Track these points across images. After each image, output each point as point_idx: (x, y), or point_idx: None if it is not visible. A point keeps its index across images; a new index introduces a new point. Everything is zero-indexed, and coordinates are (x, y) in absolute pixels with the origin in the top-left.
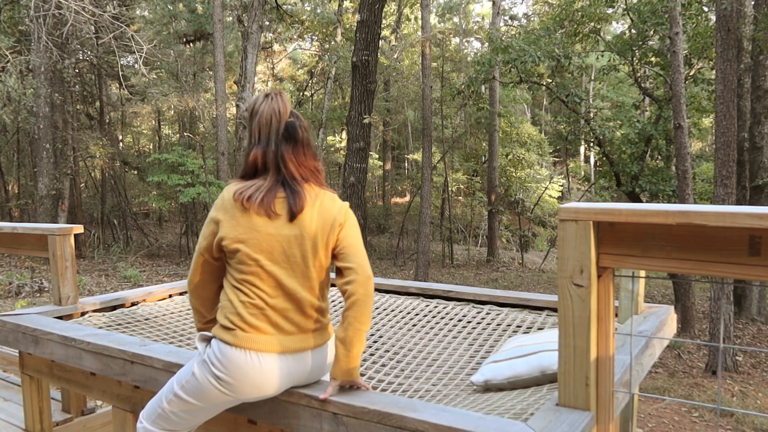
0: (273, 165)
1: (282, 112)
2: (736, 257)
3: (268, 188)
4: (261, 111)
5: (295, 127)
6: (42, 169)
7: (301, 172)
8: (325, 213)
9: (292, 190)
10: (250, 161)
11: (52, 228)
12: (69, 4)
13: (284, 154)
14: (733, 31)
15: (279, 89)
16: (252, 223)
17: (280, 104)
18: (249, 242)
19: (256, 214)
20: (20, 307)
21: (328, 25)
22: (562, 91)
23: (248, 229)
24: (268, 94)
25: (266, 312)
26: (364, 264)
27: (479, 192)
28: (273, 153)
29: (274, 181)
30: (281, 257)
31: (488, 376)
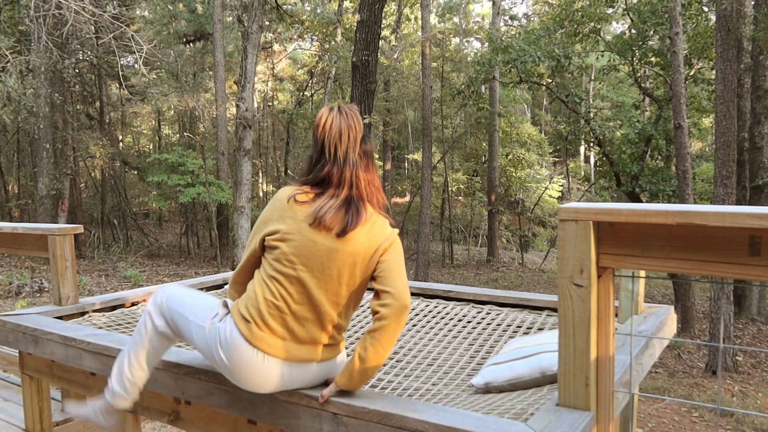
0: (348, 184)
1: (358, 129)
2: (736, 257)
3: (337, 207)
4: (337, 127)
5: (369, 145)
6: (42, 169)
7: (369, 192)
8: (373, 237)
9: (356, 208)
10: (322, 176)
11: (52, 228)
12: (69, 4)
13: (359, 173)
14: (733, 31)
15: (351, 104)
16: (300, 226)
17: (355, 121)
18: (291, 243)
19: (310, 220)
20: (20, 307)
21: (328, 25)
22: (562, 91)
23: (295, 231)
24: (341, 108)
25: (285, 316)
26: (403, 291)
27: (479, 192)
28: (350, 172)
29: (345, 198)
30: (317, 267)
31: (489, 378)
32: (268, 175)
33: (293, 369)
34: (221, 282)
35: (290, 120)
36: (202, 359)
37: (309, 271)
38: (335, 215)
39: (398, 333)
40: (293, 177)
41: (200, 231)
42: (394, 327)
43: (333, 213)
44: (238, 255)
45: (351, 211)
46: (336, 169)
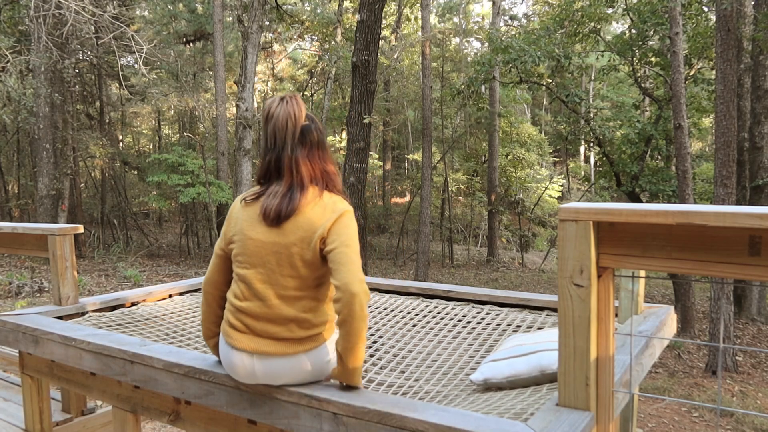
0: (287, 170)
1: (297, 115)
2: (736, 257)
3: (282, 194)
4: (276, 115)
5: (311, 130)
6: (42, 169)
7: (313, 176)
8: (310, 223)
9: (291, 195)
10: (264, 166)
11: (52, 228)
12: (69, 4)
13: (298, 158)
14: (733, 31)
15: (294, 93)
16: (242, 224)
17: (295, 108)
18: (238, 243)
19: (253, 215)
20: (20, 307)
21: (328, 25)
22: (562, 91)
23: (239, 230)
24: (283, 97)
25: (239, 313)
26: (350, 281)
27: (479, 192)
28: (288, 157)
29: (287, 187)
30: (259, 263)
31: (487, 374)
32: None
33: (263, 362)
34: None
35: None
36: (203, 359)
37: (252, 267)
38: (277, 205)
39: (360, 324)
40: None
41: (200, 231)
42: (350, 319)
43: (276, 203)
44: None
45: (286, 199)
46: (275, 156)
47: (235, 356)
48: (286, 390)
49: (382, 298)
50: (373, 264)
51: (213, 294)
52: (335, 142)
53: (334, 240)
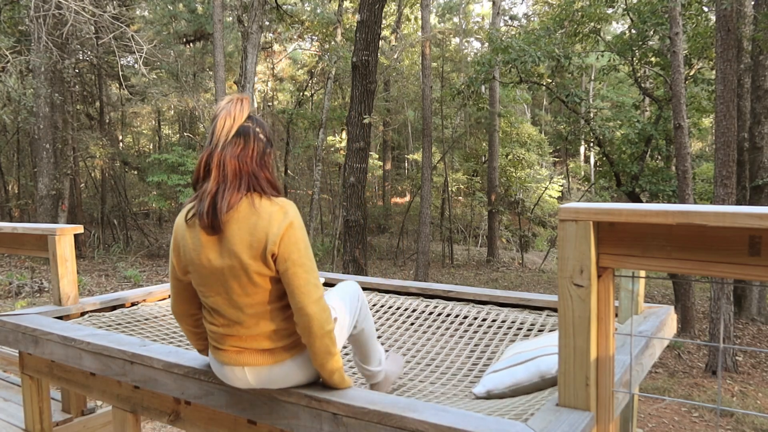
0: (216, 167)
1: (237, 115)
2: (736, 257)
3: (211, 195)
4: (218, 114)
5: (248, 131)
6: (42, 169)
7: (241, 178)
8: (254, 238)
9: (222, 195)
10: (197, 165)
11: (52, 228)
12: (69, 4)
13: (227, 155)
14: (733, 31)
15: (244, 95)
16: (190, 254)
17: (237, 108)
18: (194, 273)
19: (197, 235)
20: (20, 307)
21: (328, 25)
22: (562, 91)
23: (190, 260)
24: (231, 98)
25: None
26: (305, 303)
27: (479, 192)
28: (218, 155)
29: (215, 187)
30: (220, 288)
31: (489, 386)
32: None
33: (254, 373)
34: None
35: (290, 120)
36: (203, 360)
37: (217, 294)
38: (208, 207)
39: (322, 342)
40: (293, 177)
41: None
42: (312, 341)
43: (206, 205)
44: None
45: (217, 198)
46: (206, 154)
47: (227, 370)
48: (286, 390)
49: (382, 298)
50: (373, 264)
51: (186, 320)
52: (335, 142)
53: (285, 260)
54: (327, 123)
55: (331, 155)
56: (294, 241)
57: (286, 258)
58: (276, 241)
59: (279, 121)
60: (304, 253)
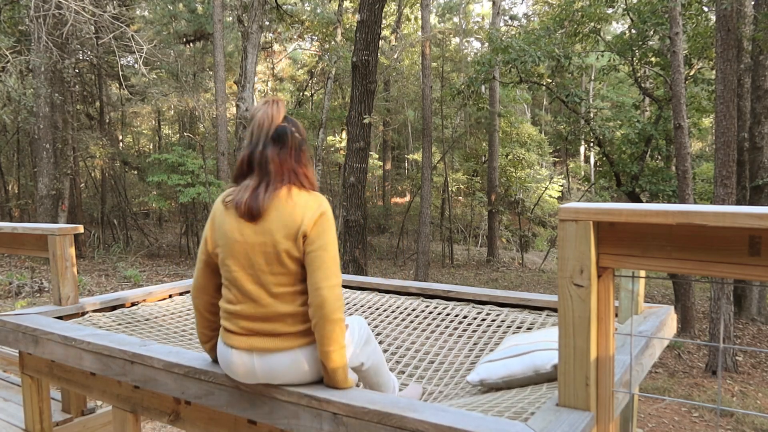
0: (257, 165)
1: (274, 116)
2: (736, 257)
3: (252, 188)
4: (256, 115)
5: (286, 131)
6: (42, 169)
7: (283, 174)
8: (291, 220)
9: (265, 188)
10: (238, 163)
11: (52, 228)
12: (69, 4)
13: (268, 153)
14: (733, 31)
15: (279, 97)
16: (225, 228)
17: (274, 110)
18: (223, 247)
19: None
20: (20, 307)
21: (328, 25)
22: (562, 91)
23: (222, 234)
24: (267, 100)
25: (234, 317)
26: (321, 285)
27: (479, 192)
28: (259, 153)
29: (257, 182)
30: (246, 263)
31: (483, 375)
32: None
33: (262, 360)
34: None
35: None
36: (203, 359)
37: (241, 269)
38: (248, 199)
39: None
40: None
41: (200, 231)
42: (321, 324)
43: (247, 197)
44: None
45: (256, 192)
46: (247, 152)
47: (234, 355)
48: (286, 390)
49: (383, 298)
50: (373, 264)
51: (202, 300)
52: (335, 142)
53: (314, 242)
54: (327, 123)
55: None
56: (324, 229)
57: (314, 240)
58: (309, 224)
59: None
60: (330, 241)
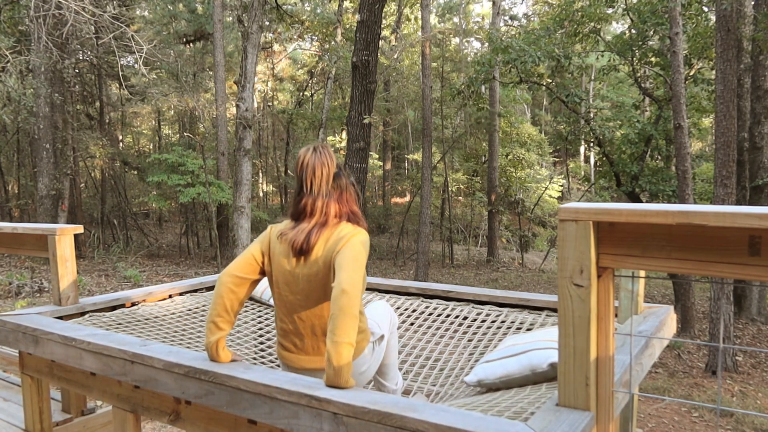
0: (319, 211)
1: (329, 164)
2: (736, 257)
3: (308, 231)
4: (312, 164)
5: (340, 176)
6: (42, 169)
7: (340, 215)
8: (329, 251)
9: (319, 230)
10: (300, 207)
11: (52, 228)
12: (69, 4)
13: (330, 203)
14: (733, 31)
15: (324, 142)
16: (278, 255)
17: (327, 158)
18: (275, 275)
19: (286, 248)
20: (20, 307)
21: (328, 25)
22: (562, 91)
23: (276, 261)
24: (316, 147)
25: (287, 335)
26: (343, 280)
27: (479, 192)
28: (322, 201)
29: (314, 224)
30: (297, 289)
31: (481, 376)
32: (268, 175)
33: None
34: None
35: (290, 120)
36: (203, 359)
37: (292, 293)
38: (302, 240)
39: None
40: (293, 177)
41: (200, 231)
42: (337, 314)
43: (302, 239)
44: (238, 255)
45: (311, 234)
46: (311, 200)
47: (287, 363)
48: (286, 390)
49: (382, 298)
50: (373, 264)
51: (228, 282)
52: (335, 142)
53: (343, 250)
54: (327, 123)
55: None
56: (354, 243)
57: (343, 249)
58: (342, 243)
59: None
60: (358, 251)
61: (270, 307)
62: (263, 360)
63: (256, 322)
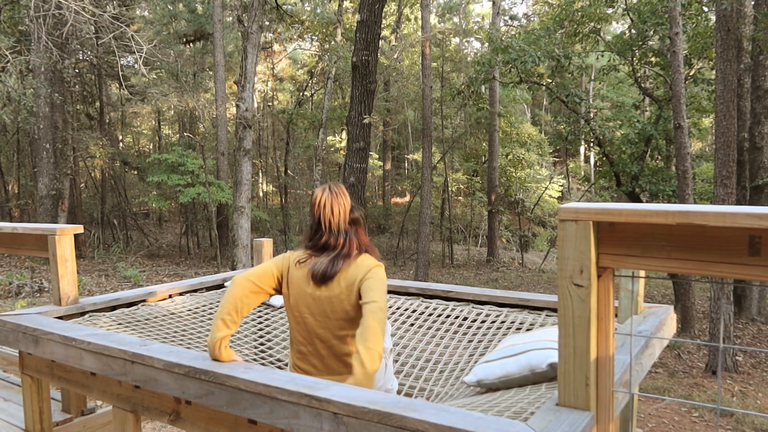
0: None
1: (346, 204)
2: (736, 257)
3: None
4: (329, 205)
5: (356, 214)
6: (42, 169)
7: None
8: (352, 276)
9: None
10: (321, 244)
11: (52, 228)
12: (69, 4)
13: (351, 239)
14: (733, 31)
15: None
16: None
17: (343, 198)
18: (294, 297)
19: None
20: (20, 307)
21: (328, 25)
22: (562, 91)
23: (295, 285)
24: (331, 188)
25: (306, 356)
26: (379, 299)
27: (479, 192)
28: (343, 238)
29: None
30: (316, 310)
31: (480, 376)
32: (268, 175)
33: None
34: (221, 281)
35: (290, 120)
36: (203, 359)
37: (311, 315)
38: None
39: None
40: (293, 177)
41: (200, 231)
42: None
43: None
44: (238, 255)
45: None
46: (332, 238)
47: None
48: (287, 390)
49: None
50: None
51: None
52: (335, 142)
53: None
54: (327, 123)
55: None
56: (380, 273)
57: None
58: (365, 274)
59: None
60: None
61: (270, 307)
62: (263, 360)
63: (256, 322)
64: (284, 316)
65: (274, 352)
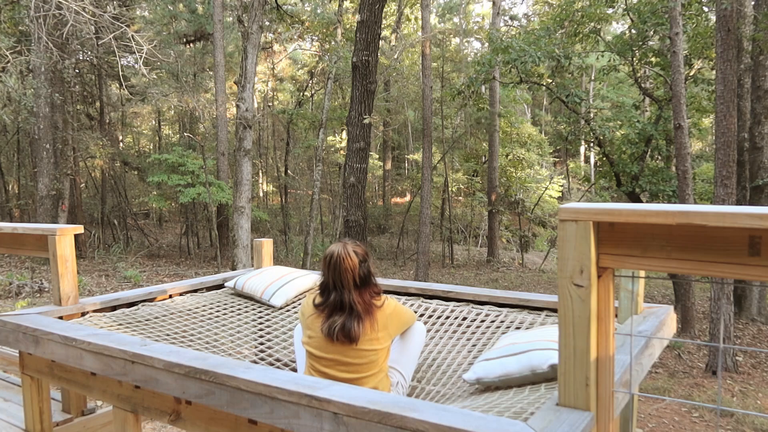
0: (351, 304)
1: (355, 264)
2: (736, 257)
3: (343, 321)
4: (340, 265)
5: (366, 271)
6: (42, 169)
7: (366, 307)
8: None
9: (356, 320)
10: (332, 302)
11: (52, 228)
12: (69, 4)
13: (356, 297)
14: (733, 31)
15: (348, 240)
16: (318, 334)
17: (353, 257)
18: (312, 344)
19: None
20: (20, 307)
21: (328, 25)
22: (562, 91)
23: (314, 335)
24: (345, 245)
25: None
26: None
27: (479, 192)
28: (356, 297)
29: (347, 316)
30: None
31: (480, 374)
32: (268, 175)
33: None
34: (221, 282)
35: (290, 120)
36: (203, 359)
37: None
38: (340, 330)
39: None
40: (293, 177)
41: (200, 231)
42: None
43: (339, 327)
44: (239, 255)
45: (352, 322)
46: (339, 296)
47: None
48: (287, 390)
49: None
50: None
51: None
52: (335, 142)
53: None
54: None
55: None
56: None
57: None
58: (390, 314)
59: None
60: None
61: (270, 307)
62: (263, 360)
63: (256, 322)
64: (284, 316)
65: (274, 352)
